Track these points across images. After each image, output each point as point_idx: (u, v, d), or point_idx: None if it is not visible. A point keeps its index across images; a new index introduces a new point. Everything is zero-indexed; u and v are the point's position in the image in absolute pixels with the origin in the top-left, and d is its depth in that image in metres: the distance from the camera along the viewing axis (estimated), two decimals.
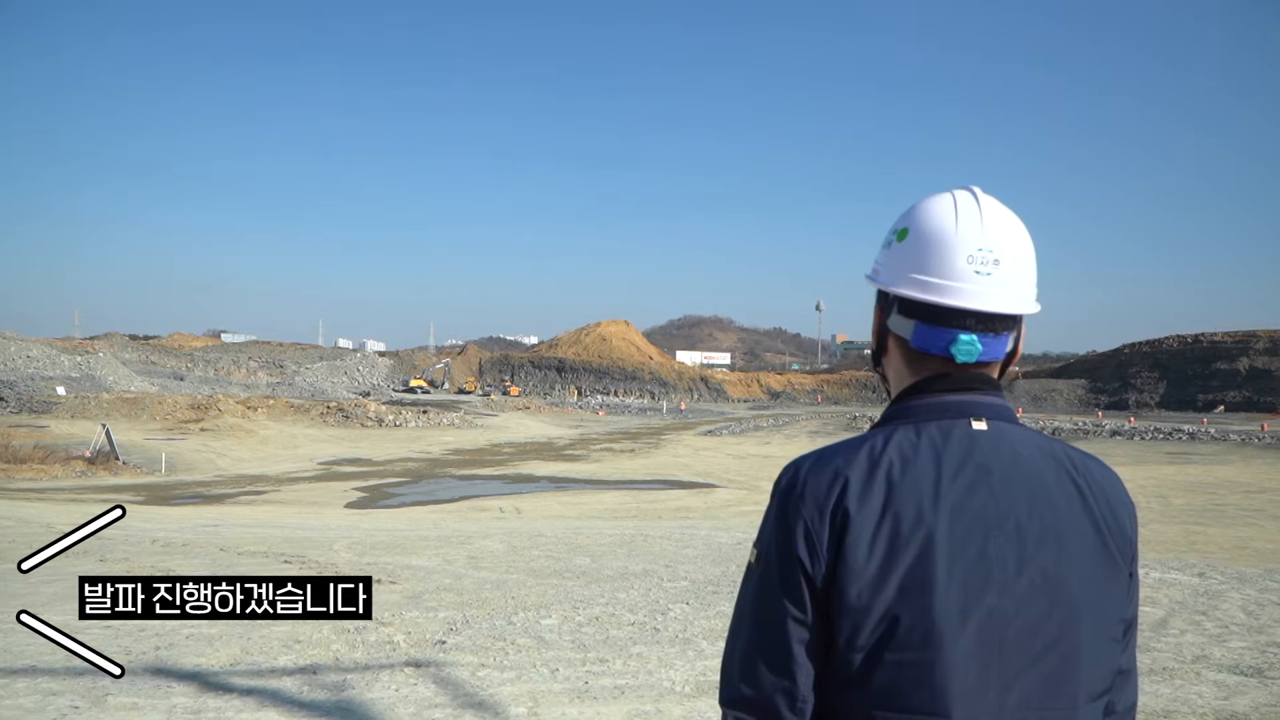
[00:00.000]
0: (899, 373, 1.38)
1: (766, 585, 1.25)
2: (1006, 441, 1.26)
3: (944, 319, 1.29)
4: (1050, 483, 1.24)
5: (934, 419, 1.27)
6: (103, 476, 27.65)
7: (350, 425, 47.07)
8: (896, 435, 1.27)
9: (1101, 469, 1.31)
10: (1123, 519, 1.27)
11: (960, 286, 1.28)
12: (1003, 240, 1.31)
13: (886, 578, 1.17)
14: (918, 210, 1.35)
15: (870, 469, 1.22)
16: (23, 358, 63.80)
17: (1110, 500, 1.27)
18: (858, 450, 1.26)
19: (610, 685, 5.05)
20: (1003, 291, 1.29)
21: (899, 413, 1.32)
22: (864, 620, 1.17)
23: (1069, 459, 1.28)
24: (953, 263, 1.28)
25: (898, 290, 1.32)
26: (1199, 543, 12.48)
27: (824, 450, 1.30)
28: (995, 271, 1.29)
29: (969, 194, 1.33)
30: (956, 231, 1.29)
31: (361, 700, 4.73)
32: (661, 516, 17.04)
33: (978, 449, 1.24)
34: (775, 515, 1.27)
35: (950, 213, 1.31)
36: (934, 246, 1.30)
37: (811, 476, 1.25)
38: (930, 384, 1.31)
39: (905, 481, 1.20)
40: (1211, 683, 5.22)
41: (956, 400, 1.29)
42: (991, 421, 1.28)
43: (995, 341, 1.31)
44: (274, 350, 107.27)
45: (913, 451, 1.24)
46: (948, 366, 1.31)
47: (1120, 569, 1.25)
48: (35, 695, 4.68)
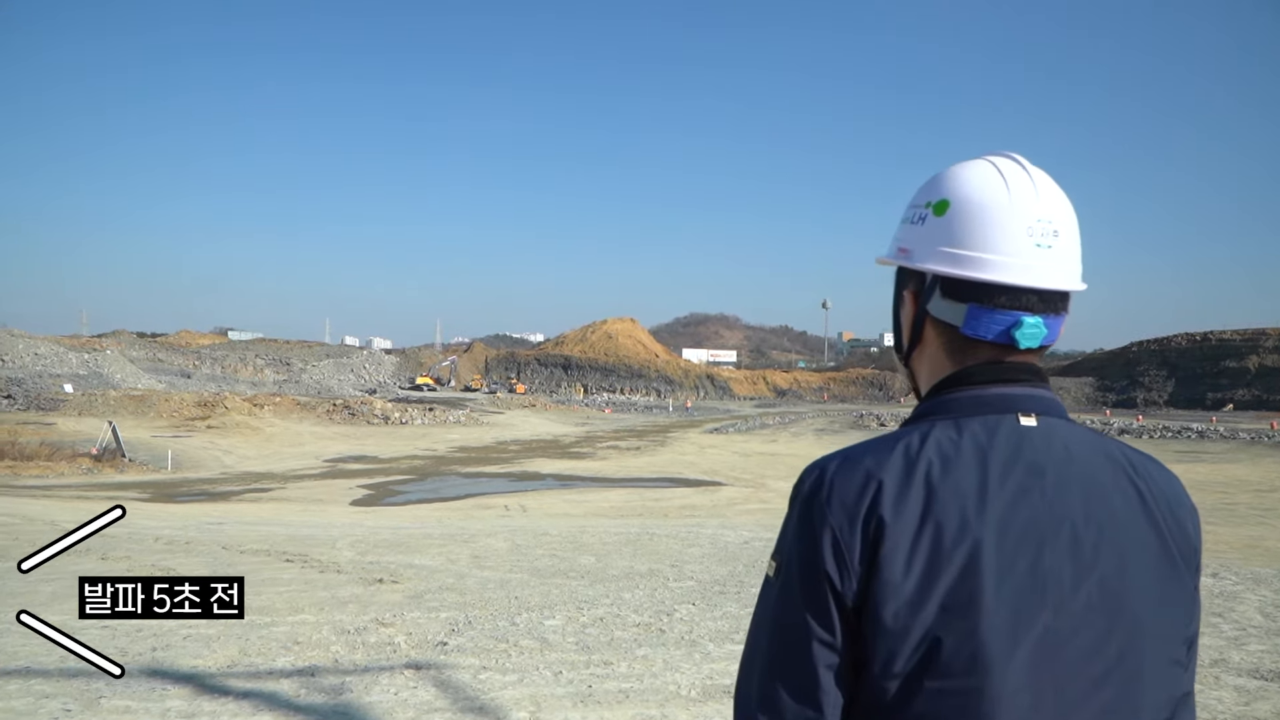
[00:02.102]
0: (937, 365, 1.23)
1: (788, 602, 1.10)
2: (1059, 439, 1.13)
3: (1002, 300, 1.15)
4: (1107, 484, 1.11)
5: (977, 414, 1.14)
6: (109, 474, 27.64)
7: (356, 423, 47.05)
8: (935, 432, 1.13)
9: (1160, 469, 1.18)
10: (1186, 524, 1.15)
11: (1021, 263, 1.14)
12: (1059, 209, 1.17)
13: (927, 595, 1.03)
14: (955, 180, 1.20)
15: (907, 471, 1.09)
16: (30, 355, 63.96)
17: (1172, 503, 1.14)
18: (891, 449, 1.12)
19: (614, 689, 4.94)
20: (1065, 266, 1.17)
21: (936, 407, 1.18)
22: (901, 643, 1.03)
23: (1126, 458, 1.15)
24: (1011, 236, 1.14)
25: (942, 269, 1.17)
26: (1210, 542, 12.28)
27: (851, 449, 1.15)
28: (1055, 244, 1.15)
29: (1012, 161, 1.20)
30: (1010, 200, 1.15)
31: (360, 704, 4.63)
32: (667, 515, 16.93)
33: (1027, 447, 1.11)
34: (797, 523, 1.13)
35: (998, 180, 1.17)
36: (985, 218, 1.15)
37: (839, 479, 1.10)
38: (972, 374, 1.17)
39: (947, 485, 1.07)
40: (1231, 688, 5.10)
41: (1001, 393, 1.15)
42: (1041, 417, 1.14)
43: (1055, 323, 1.17)
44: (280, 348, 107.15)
45: (954, 451, 1.10)
46: (999, 354, 1.18)
47: (1185, 580, 1.13)
48: (28, 698, 4.59)
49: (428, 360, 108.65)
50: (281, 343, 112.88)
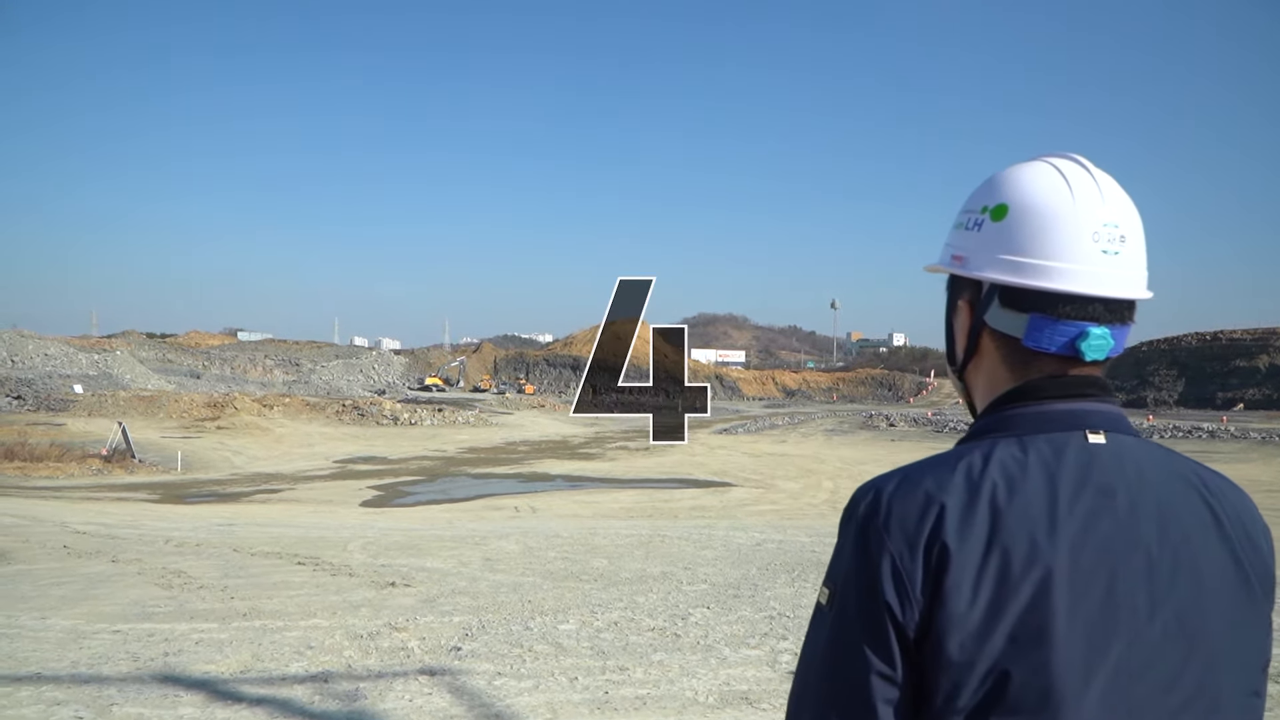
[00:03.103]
0: (995, 378, 1.16)
1: (844, 633, 1.03)
2: (1130, 458, 1.06)
3: (1068, 310, 1.08)
4: (1180, 506, 1.04)
5: (1042, 431, 1.07)
6: (119, 475, 27.71)
7: (366, 423, 47.12)
8: (998, 451, 1.06)
9: (1233, 488, 1.11)
10: (1262, 547, 1.08)
11: (1088, 270, 1.08)
12: (1125, 214, 1.11)
13: (994, 626, 0.97)
14: (1014, 183, 1.13)
15: (970, 493, 1.02)
16: (41, 356, 64.19)
17: (1246, 525, 1.07)
18: (952, 469, 1.05)
19: (631, 695, 4.88)
20: (1132, 273, 1.10)
21: (997, 424, 1.11)
22: (967, 676, 0.97)
23: (1199, 478, 1.08)
24: (1076, 242, 1.08)
25: (1003, 279, 1.11)
26: None
27: (909, 469, 1.09)
28: (1123, 250, 1.09)
29: (1074, 163, 1.13)
30: (1075, 205, 1.09)
31: (375, 711, 4.58)
32: (678, 516, 16.88)
33: (1097, 467, 1.04)
34: (853, 548, 1.05)
35: (1061, 184, 1.10)
36: (1049, 224, 1.09)
37: (898, 502, 1.04)
38: (1034, 389, 1.11)
39: (1013, 508, 1.00)
40: None
41: (1067, 409, 1.09)
42: (1110, 434, 1.08)
43: (1122, 333, 1.11)
44: (290, 348, 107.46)
45: (1020, 471, 1.03)
46: (1063, 367, 1.11)
47: (1261, 606, 1.06)
48: (39, 705, 4.54)
49: (437, 361, 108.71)
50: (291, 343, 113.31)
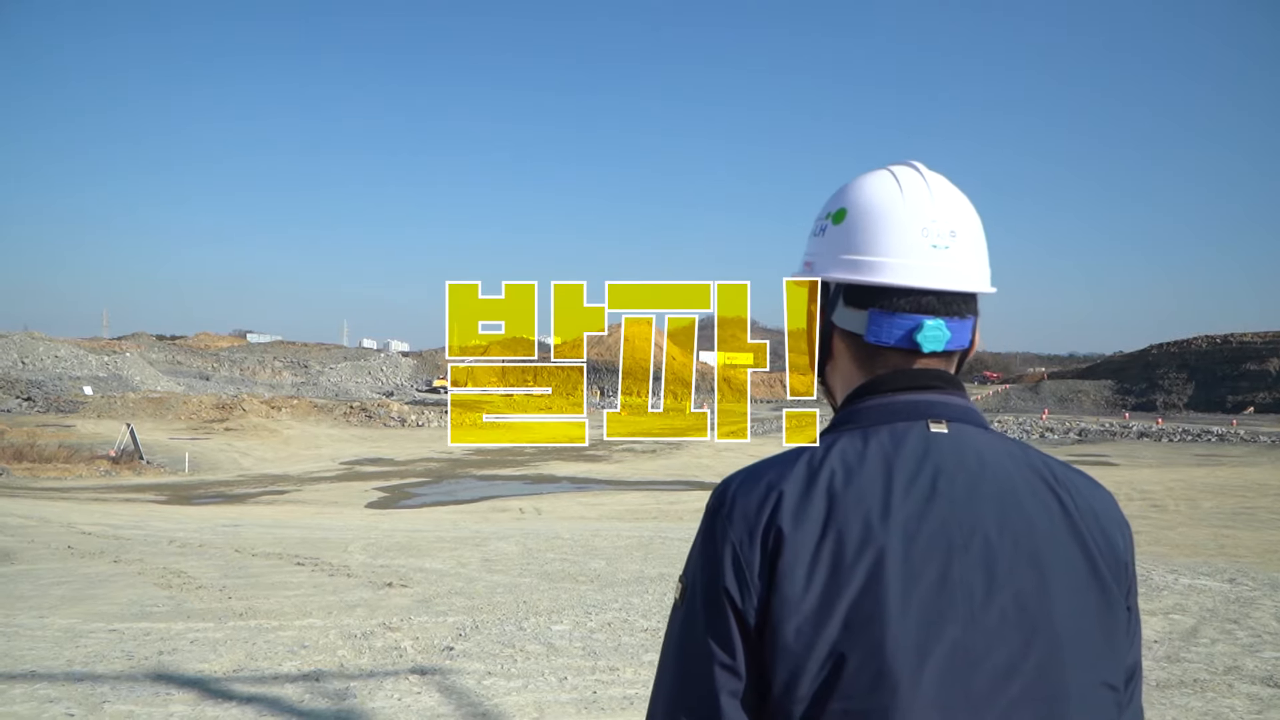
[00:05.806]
0: (849, 377, 1.19)
1: (691, 625, 1.04)
2: (970, 446, 1.08)
3: (903, 303, 1.12)
4: (1025, 494, 1.05)
5: (884, 423, 1.09)
6: (126, 476, 27.87)
7: (373, 425, 47.28)
8: (840, 442, 1.08)
9: (1088, 482, 1.11)
10: (1115, 539, 1.07)
11: (918, 264, 1.12)
12: (955, 211, 1.15)
13: (829, 610, 0.97)
14: (853, 189, 1.19)
15: (808, 481, 1.04)
16: (51, 358, 64.60)
17: (1100, 517, 1.07)
18: (795, 461, 1.07)
19: (619, 695, 4.91)
20: (964, 267, 1.13)
21: (845, 418, 1.14)
22: (804, 662, 0.97)
23: (1048, 468, 1.09)
24: (906, 238, 1.12)
25: (842, 277, 1.15)
26: (1229, 546, 12.22)
27: (758, 463, 1.11)
28: (953, 244, 1.13)
29: (909, 167, 1.18)
30: (904, 204, 1.14)
31: (363, 709, 4.62)
32: (682, 518, 16.89)
33: (935, 454, 1.06)
34: (702, 542, 1.07)
35: (893, 185, 1.15)
36: (881, 223, 1.14)
37: (742, 494, 1.06)
38: (881, 383, 1.13)
39: (849, 494, 1.02)
40: (1245, 695, 5.02)
41: (911, 400, 1.11)
42: (953, 424, 1.09)
43: (962, 326, 1.14)
44: (299, 350, 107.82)
45: (858, 460, 1.05)
46: (906, 360, 1.14)
47: (1115, 599, 1.05)
48: (32, 702, 4.61)
49: (444, 363, 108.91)
50: (299, 345, 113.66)
